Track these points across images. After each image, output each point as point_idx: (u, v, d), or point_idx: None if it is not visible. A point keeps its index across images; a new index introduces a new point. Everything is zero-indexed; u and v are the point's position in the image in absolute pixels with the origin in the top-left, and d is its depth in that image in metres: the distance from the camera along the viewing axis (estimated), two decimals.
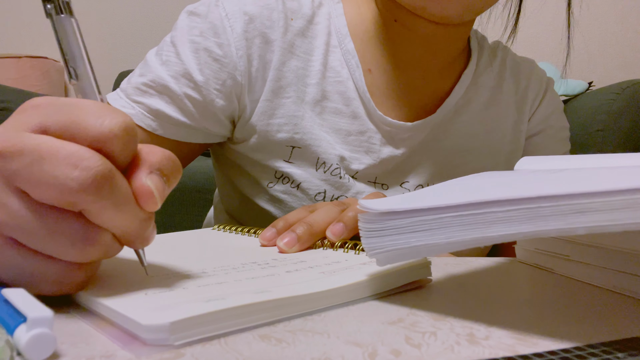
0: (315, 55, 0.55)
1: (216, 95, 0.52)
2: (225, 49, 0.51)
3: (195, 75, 0.51)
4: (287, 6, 0.54)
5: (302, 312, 0.24)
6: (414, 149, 0.58)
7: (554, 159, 0.38)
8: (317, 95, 0.55)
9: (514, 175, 0.31)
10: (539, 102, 0.65)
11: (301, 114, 0.54)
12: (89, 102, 0.24)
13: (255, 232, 0.42)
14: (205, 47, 0.51)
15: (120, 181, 0.23)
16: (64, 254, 0.23)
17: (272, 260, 0.32)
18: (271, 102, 0.53)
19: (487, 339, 0.21)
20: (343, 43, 0.56)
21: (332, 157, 0.55)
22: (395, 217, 0.25)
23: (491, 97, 0.62)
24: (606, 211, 0.20)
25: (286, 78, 0.54)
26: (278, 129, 0.53)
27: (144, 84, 0.51)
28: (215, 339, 0.21)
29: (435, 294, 0.29)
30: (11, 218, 0.22)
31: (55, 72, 2.03)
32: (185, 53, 0.51)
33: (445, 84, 0.60)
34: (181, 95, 0.51)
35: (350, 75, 0.56)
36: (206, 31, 0.52)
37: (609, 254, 0.29)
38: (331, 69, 0.56)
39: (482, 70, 0.62)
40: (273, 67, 0.53)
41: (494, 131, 0.61)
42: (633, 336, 0.21)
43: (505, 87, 0.63)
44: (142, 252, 0.27)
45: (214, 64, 0.51)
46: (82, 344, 0.20)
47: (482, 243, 0.23)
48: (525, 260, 0.37)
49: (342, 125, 0.55)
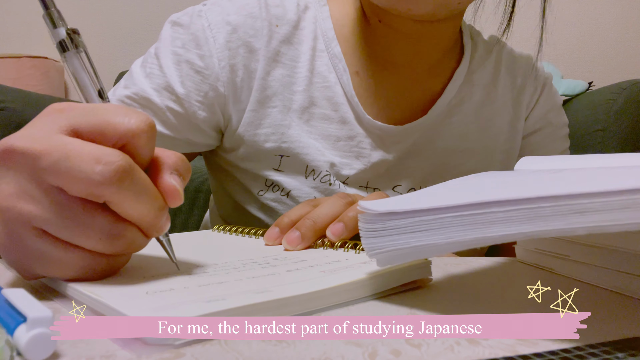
0: (301, 62, 0.54)
1: (198, 107, 0.52)
2: (206, 61, 0.51)
3: (177, 87, 0.51)
4: (272, 13, 0.54)
5: (303, 311, 0.24)
6: (406, 152, 0.57)
7: (554, 159, 0.38)
8: (305, 102, 0.54)
9: (514, 176, 0.31)
10: (537, 99, 0.63)
11: (288, 122, 0.54)
12: (112, 105, 0.27)
13: (255, 233, 0.42)
14: (187, 59, 0.51)
15: (139, 174, 0.25)
16: (91, 244, 0.25)
17: (273, 260, 0.33)
18: (257, 112, 0.53)
19: (487, 339, 0.21)
20: (330, 47, 0.55)
21: (321, 164, 0.54)
22: (395, 217, 0.25)
23: (486, 95, 0.61)
24: (606, 211, 0.20)
25: (272, 87, 0.53)
26: (265, 139, 0.53)
27: (128, 97, 0.51)
28: (215, 339, 0.21)
29: (435, 294, 0.29)
30: (43, 211, 0.24)
31: (55, 72, 2.03)
32: (168, 65, 0.51)
33: (435, 83, 0.59)
34: (163, 109, 0.51)
35: (338, 80, 0.55)
36: (188, 43, 0.52)
37: (609, 254, 0.29)
38: (318, 75, 0.55)
39: (476, 68, 0.61)
40: (258, 76, 0.53)
41: (488, 130, 0.60)
42: (633, 336, 0.21)
43: (500, 84, 0.61)
44: (171, 249, 0.29)
45: (195, 75, 0.52)
46: (82, 344, 0.20)
47: (483, 243, 0.23)
48: (525, 260, 0.37)
49: (332, 131, 0.55)
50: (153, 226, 0.26)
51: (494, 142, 0.61)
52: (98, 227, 0.24)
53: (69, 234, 0.24)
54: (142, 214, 0.25)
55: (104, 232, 0.25)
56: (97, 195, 0.24)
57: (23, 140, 0.24)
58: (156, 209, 0.26)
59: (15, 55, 1.92)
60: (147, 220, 0.26)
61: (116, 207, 0.25)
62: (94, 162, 0.23)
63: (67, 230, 0.24)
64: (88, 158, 0.23)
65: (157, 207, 0.26)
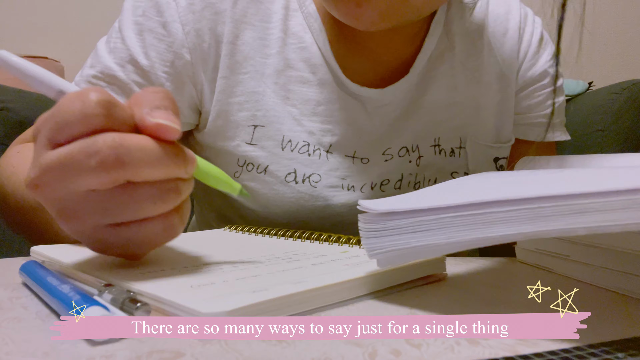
0: (273, 22, 0.51)
1: (165, 79, 0.49)
2: (169, 27, 0.49)
3: (141, 59, 0.49)
4: None
5: (339, 300, 0.26)
6: (393, 116, 0.54)
7: (554, 159, 0.38)
8: (279, 65, 0.51)
9: (514, 175, 0.31)
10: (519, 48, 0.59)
11: (262, 89, 0.51)
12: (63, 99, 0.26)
13: (269, 233, 0.43)
14: (149, 27, 0.49)
15: (130, 141, 0.25)
16: (152, 211, 0.26)
17: (294, 255, 0.34)
18: (228, 79, 0.50)
19: (487, 339, 0.21)
20: (304, 5, 0.52)
21: (298, 133, 0.51)
22: (396, 217, 0.25)
23: (470, 43, 0.57)
24: (606, 211, 0.20)
25: (242, 52, 0.50)
26: (239, 108, 0.51)
27: (94, 77, 0.50)
28: (215, 339, 0.21)
29: (435, 294, 0.29)
30: (98, 212, 0.26)
31: (55, 72, 2.02)
32: (130, 36, 0.49)
33: (414, 43, 0.55)
34: (130, 83, 0.49)
35: (314, 40, 0.52)
36: (149, 10, 0.49)
37: (609, 254, 0.29)
38: (293, 35, 0.52)
39: (455, 16, 0.57)
40: (226, 40, 0.50)
41: (476, 82, 0.56)
42: (633, 336, 0.21)
43: (486, 33, 0.57)
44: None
45: (159, 44, 0.49)
46: (82, 344, 0.20)
47: (483, 243, 0.23)
48: (525, 260, 0.37)
49: (311, 95, 0.52)
50: (179, 172, 0.27)
51: (485, 95, 0.57)
52: (143, 197, 0.26)
53: (130, 214, 0.26)
54: (163, 171, 0.26)
55: (151, 196, 0.26)
56: (114, 180, 0.25)
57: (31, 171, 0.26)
58: (170, 157, 0.26)
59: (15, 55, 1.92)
60: (172, 172, 0.27)
61: (138, 179, 0.26)
62: (88, 158, 0.24)
63: (125, 213, 0.26)
64: (81, 157, 0.24)
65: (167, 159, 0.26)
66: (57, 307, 0.23)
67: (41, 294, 0.26)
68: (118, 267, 0.29)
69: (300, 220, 0.52)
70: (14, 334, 0.22)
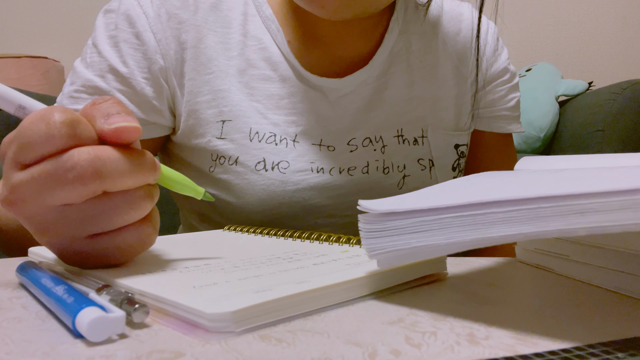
0: (233, 27, 0.55)
1: (145, 84, 0.52)
2: (142, 37, 0.52)
3: (120, 67, 0.51)
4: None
5: (342, 300, 0.26)
6: (356, 106, 0.57)
7: (554, 159, 0.38)
8: (242, 65, 0.54)
9: (514, 176, 0.31)
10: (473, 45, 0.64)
11: (227, 87, 0.54)
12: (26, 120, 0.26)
13: (269, 233, 0.43)
14: (123, 38, 0.52)
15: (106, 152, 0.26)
16: (127, 219, 0.27)
17: (294, 255, 0.34)
18: (195, 80, 0.53)
19: (487, 339, 0.21)
20: (261, 10, 0.56)
21: (264, 126, 0.54)
22: (395, 217, 0.25)
23: (425, 43, 0.61)
24: (606, 212, 0.20)
25: (205, 54, 0.54)
26: (207, 106, 0.53)
27: (76, 91, 0.52)
28: (215, 339, 0.21)
29: (435, 294, 0.29)
30: (75, 224, 0.27)
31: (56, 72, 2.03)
32: (106, 50, 0.52)
33: (374, 35, 0.59)
34: (112, 91, 0.51)
35: (272, 40, 0.55)
36: (121, 23, 0.52)
37: (609, 254, 0.29)
38: (252, 37, 0.55)
39: (412, 17, 0.61)
40: (190, 45, 0.53)
41: (433, 77, 0.61)
42: (633, 336, 0.21)
43: (440, 32, 0.62)
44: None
45: (135, 53, 0.52)
46: (81, 344, 0.20)
47: (483, 244, 0.23)
48: (526, 260, 0.37)
49: (273, 90, 0.55)
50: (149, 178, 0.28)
51: (442, 89, 0.61)
52: (116, 206, 0.27)
53: (106, 224, 0.27)
54: (136, 179, 0.27)
55: (123, 205, 0.27)
56: (92, 192, 0.26)
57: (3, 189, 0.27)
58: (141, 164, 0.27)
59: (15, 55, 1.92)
60: (143, 179, 0.28)
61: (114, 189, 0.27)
62: (66, 172, 0.25)
63: (102, 223, 0.27)
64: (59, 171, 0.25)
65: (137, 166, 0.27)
66: (53, 308, 0.23)
67: (38, 295, 0.26)
68: (118, 268, 0.29)
69: (273, 206, 0.54)
70: (14, 334, 0.22)
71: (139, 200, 0.27)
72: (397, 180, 0.58)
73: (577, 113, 1.59)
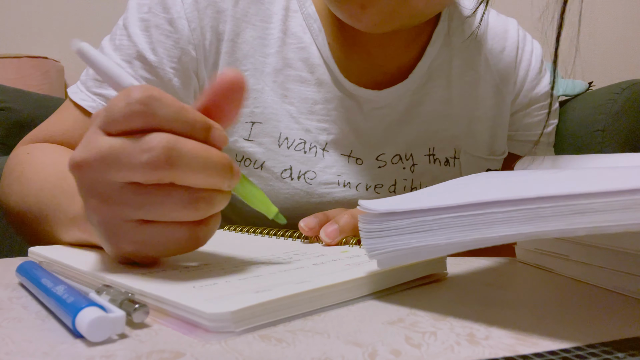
0: (273, 22, 0.52)
1: (173, 74, 0.50)
2: (176, 24, 0.50)
3: (149, 55, 0.50)
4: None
5: (342, 300, 0.26)
6: (389, 119, 0.55)
7: (554, 159, 0.38)
8: (278, 64, 0.52)
9: (514, 176, 0.31)
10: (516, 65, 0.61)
11: (261, 87, 0.52)
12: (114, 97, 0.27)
13: (269, 233, 0.43)
14: (155, 24, 0.50)
15: (186, 145, 0.26)
16: (183, 215, 0.26)
17: (294, 255, 0.34)
18: None
19: (487, 339, 0.21)
20: (304, 7, 0.53)
21: (294, 131, 0.52)
22: (396, 217, 0.25)
23: (468, 58, 0.58)
24: (606, 212, 0.20)
25: (242, 50, 0.52)
26: None
27: None
28: (214, 339, 0.21)
29: (435, 294, 0.29)
30: (132, 204, 0.26)
31: (56, 72, 2.02)
32: (136, 33, 0.50)
33: (415, 47, 0.56)
34: (138, 79, 0.50)
35: (313, 40, 0.53)
36: (155, 7, 0.50)
37: (609, 254, 0.29)
38: (292, 35, 0.53)
39: (455, 30, 0.58)
40: (227, 38, 0.51)
41: (471, 97, 0.58)
42: (633, 336, 0.21)
43: (484, 49, 0.59)
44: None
45: (166, 41, 0.50)
46: (81, 344, 0.20)
47: (483, 244, 0.23)
48: (525, 260, 0.37)
49: (308, 94, 0.53)
50: (221, 183, 0.27)
51: (480, 109, 0.59)
52: (177, 199, 0.26)
53: (161, 214, 0.26)
54: (205, 180, 0.26)
55: (184, 201, 0.26)
56: (159, 178, 0.25)
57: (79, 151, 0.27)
58: (217, 167, 0.27)
59: (15, 55, 1.92)
60: (212, 182, 0.27)
61: (184, 182, 0.26)
62: (140, 153, 0.25)
63: (157, 211, 0.26)
64: (135, 151, 0.25)
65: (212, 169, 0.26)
66: (53, 308, 0.23)
67: (38, 295, 0.26)
68: (117, 268, 0.29)
69: (295, 217, 0.53)
70: (14, 334, 0.22)
71: (202, 202, 0.27)
72: None
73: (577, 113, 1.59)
